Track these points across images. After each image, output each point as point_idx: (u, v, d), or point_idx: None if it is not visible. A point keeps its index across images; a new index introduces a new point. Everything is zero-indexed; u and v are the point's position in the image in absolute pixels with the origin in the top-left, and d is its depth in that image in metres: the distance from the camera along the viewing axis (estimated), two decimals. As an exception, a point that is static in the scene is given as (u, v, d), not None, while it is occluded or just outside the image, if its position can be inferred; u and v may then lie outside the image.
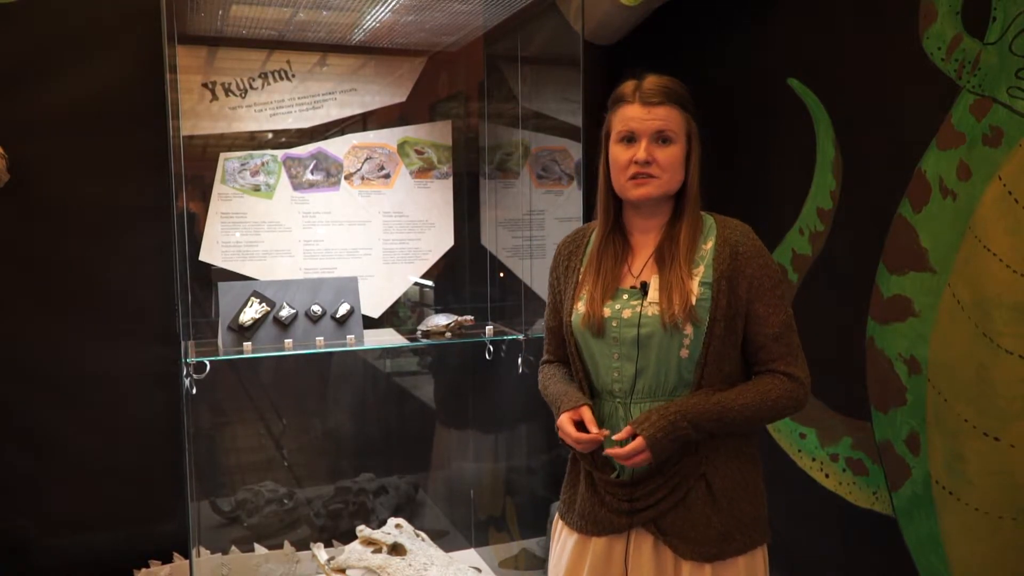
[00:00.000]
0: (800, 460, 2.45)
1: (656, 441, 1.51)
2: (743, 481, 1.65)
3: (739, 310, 1.58)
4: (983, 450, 1.80)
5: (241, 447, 3.17)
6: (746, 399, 1.56)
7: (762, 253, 1.61)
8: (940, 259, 1.89)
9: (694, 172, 1.69)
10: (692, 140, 1.67)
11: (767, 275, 1.58)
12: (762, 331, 1.59)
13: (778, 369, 1.58)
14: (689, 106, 1.67)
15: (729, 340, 1.59)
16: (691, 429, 1.53)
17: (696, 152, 1.69)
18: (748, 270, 1.58)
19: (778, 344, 1.58)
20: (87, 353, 2.73)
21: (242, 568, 3.03)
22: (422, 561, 2.74)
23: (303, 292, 2.75)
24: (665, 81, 1.65)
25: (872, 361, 2.13)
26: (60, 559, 2.73)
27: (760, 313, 1.58)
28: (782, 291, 1.60)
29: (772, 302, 1.58)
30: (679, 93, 1.65)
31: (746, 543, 1.62)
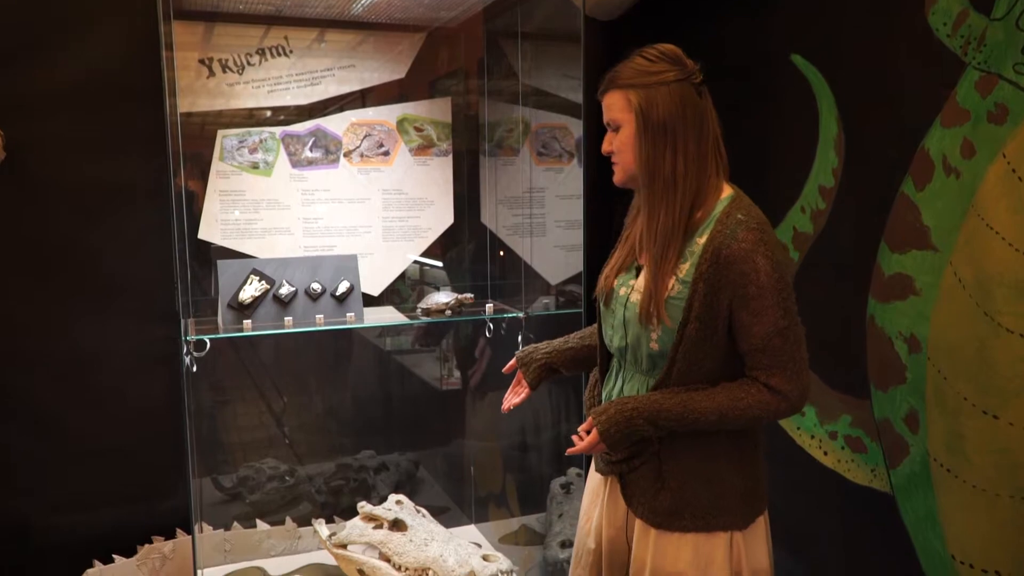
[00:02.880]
0: (799, 438, 2.45)
1: (609, 435, 1.53)
2: (699, 470, 1.61)
3: (720, 313, 1.50)
4: (982, 428, 1.80)
5: (242, 425, 3.18)
6: (713, 403, 1.51)
7: (748, 258, 1.47)
8: (942, 237, 1.89)
9: (638, 151, 1.59)
10: (639, 117, 1.56)
11: (751, 282, 1.47)
12: (745, 340, 1.51)
13: (759, 378, 1.51)
14: (636, 81, 1.56)
15: (707, 341, 1.52)
16: (648, 426, 1.53)
17: (639, 129, 1.57)
18: (730, 275, 1.48)
19: (762, 355, 1.50)
20: (87, 332, 2.73)
21: (244, 544, 3.05)
22: (423, 537, 2.76)
23: (303, 270, 2.74)
24: (617, 67, 1.60)
25: (872, 339, 2.13)
26: (63, 536, 2.75)
27: (743, 321, 1.50)
28: (773, 299, 1.47)
29: (756, 311, 1.48)
30: (620, 74, 1.58)
31: (698, 525, 1.60)
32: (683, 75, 1.56)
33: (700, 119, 1.57)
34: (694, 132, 1.56)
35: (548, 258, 3.19)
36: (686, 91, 1.56)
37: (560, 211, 3.20)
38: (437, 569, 2.68)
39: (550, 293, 3.18)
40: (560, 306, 3.11)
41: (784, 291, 1.49)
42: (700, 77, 1.59)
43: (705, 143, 1.58)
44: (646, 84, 1.55)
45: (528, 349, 1.98)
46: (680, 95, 1.55)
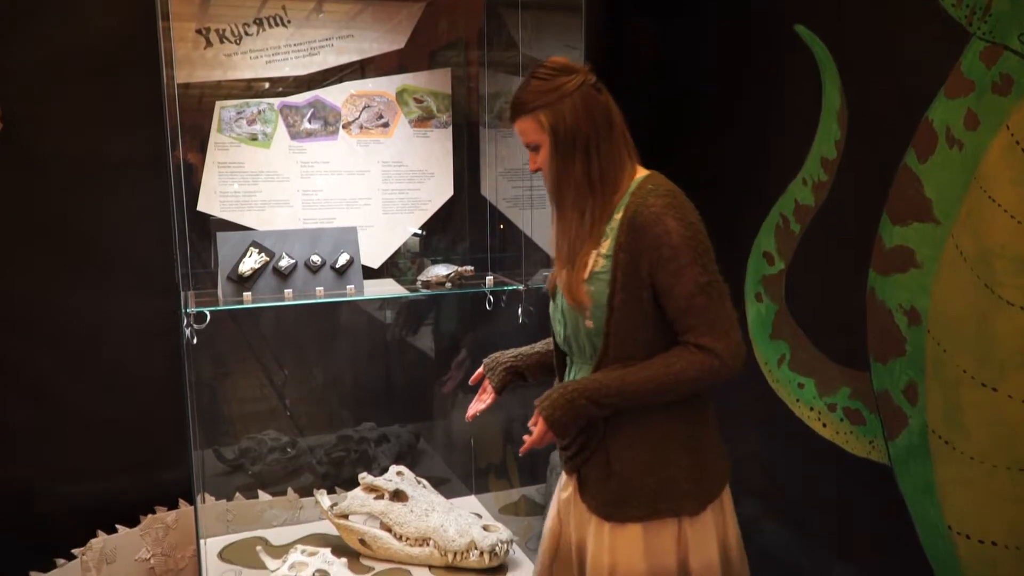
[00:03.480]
0: (798, 409, 2.46)
1: (555, 420, 1.55)
2: (645, 455, 1.61)
3: (643, 281, 1.53)
4: (981, 401, 1.81)
5: (243, 396, 3.19)
6: (647, 373, 1.52)
7: (659, 220, 1.50)
8: (944, 210, 1.88)
9: (557, 164, 1.63)
10: (552, 134, 1.61)
11: (665, 244, 1.49)
12: (669, 303, 1.53)
13: (688, 340, 1.52)
14: (540, 102, 1.60)
15: (635, 310, 1.54)
16: (591, 406, 1.54)
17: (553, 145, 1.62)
18: (645, 240, 1.51)
19: (688, 316, 1.51)
20: (87, 305, 2.73)
21: (246, 514, 3.08)
22: (423, 507, 2.78)
23: (302, 242, 2.74)
24: (517, 94, 1.65)
25: (872, 312, 2.13)
26: (66, 506, 2.77)
27: (664, 285, 1.52)
28: (688, 257, 1.49)
29: (674, 271, 1.50)
30: (522, 99, 1.63)
31: (646, 513, 1.60)
32: (579, 81, 1.61)
33: (606, 117, 1.63)
34: (604, 131, 1.62)
35: (548, 230, 3.17)
36: (587, 95, 1.61)
37: (561, 183, 3.18)
38: (438, 539, 2.71)
39: (550, 265, 3.17)
40: (560, 278, 3.11)
41: (699, 248, 1.51)
42: (594, 77, 1.64)
43: (616, 137, 1.63)
44: (549, 102, 1.60)
45: (495, 355, 2.01)
46: (583, 101, 1.60)
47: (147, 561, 2.87)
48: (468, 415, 2.01)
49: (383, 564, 2.75)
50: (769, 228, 2.52)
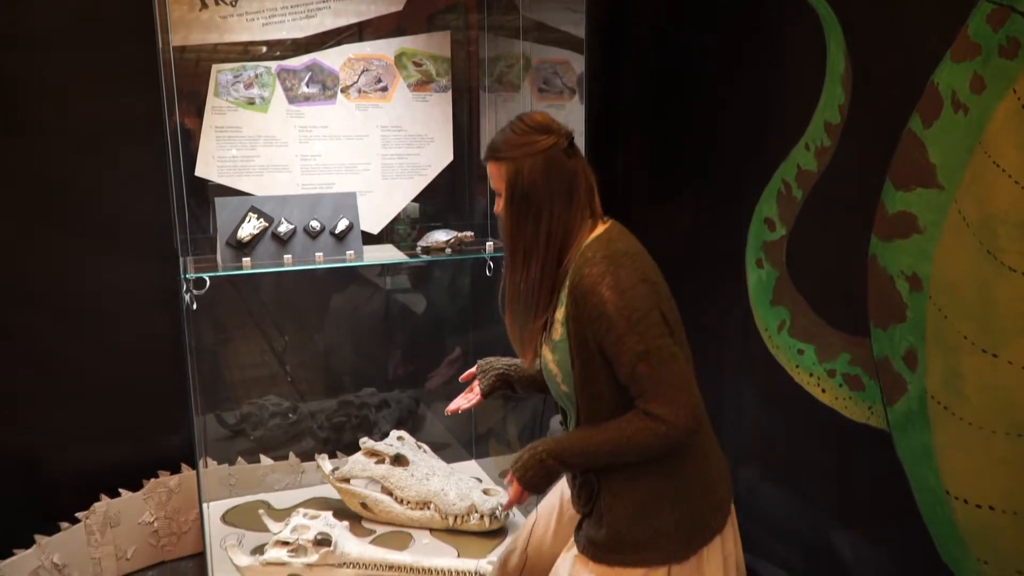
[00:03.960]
0: (797, 376, 2.47)
1: (527, 481, 1.60)
2: (634, 507, 1.61)
3: (591, 348, 1.54)
4: (981, 366, 1.81)
5: (244, 362, 3.20)
6: (605, 436, 1.55)
7: (594, 291, 1.49)
8: (948, 175, 1.87)
9: (506, 217, 1.65)
10: (508, 187, 1.63)
11: (602, 314, 1.48)
12: (616, 371, 1.53)
13: (639, 406, 1.51)
14: (507, 154, 1.62)
15: (595, 376, 1.55)
16: (560, 466, 1.59)
17: (507, 198, 1.63)
18: (585, 311, 1.51)
19: (633, 383, 1.51)
20: (86, 272, 2.72)
21: (249, 478, 3.10)
22: (424, 471, 2.80)
23: (301, 208, 2.72)
24: (495, 137, 1.66)
25: (873, 278, 2.13)
26: (69, 471, 2.79)
27: (608, 354, 1.52)
28: (624, 328, 1.48)
29: (613, 342, 1.49)
30: (495, 145, 1.65)
31: (635, 560, 1.61)
32: (549, 143, 1.60)
33: (569, 182, 1.62)
34: (561, 196, 1.61)
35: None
36: (553, 158, 1.61)
37: (561, 148, 3.15)
38: (438, 503, 2.73)
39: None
40: (560, 244, 3.10)
41: (633, 316, 1.47)
42: (567, 142, 1.63)
43: (574, 205, 1.63)
44: (515, 156, 1.61)
45: (490, 359, 2.04)
46: (546, 163, 1.60)
47: (151, 524, 2.90)
48: (448, 410, 2.05)
49: (384, 527, 2.78)
50: (771, 194, 2.51)
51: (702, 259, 2.93)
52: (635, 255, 1.59)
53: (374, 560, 2.44)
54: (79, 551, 2.73)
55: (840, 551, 2.40)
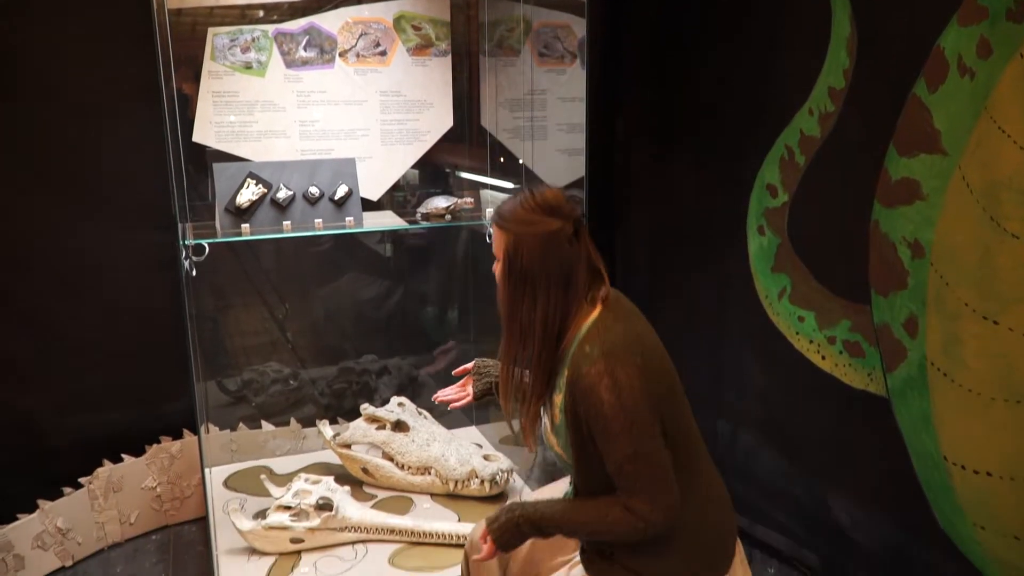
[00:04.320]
0: (797, 342, 2.47)
1: (502, 542, 1.63)
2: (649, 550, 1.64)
3: (587, 438, 1.56)
4: (981, 333, 1.81)
5: (244, 329, 3.20)
6: (586, 517, 1.58)
7: (592, 391, 1.51)
8: (952, 141, 1.85)
9: (502, 291, 1.65)
10: (506, 260, 1.62)
11: (598, 414, 1.50)
12: (606, 463, 1.56)
13: (621, 498, 1.54)
14: (511, 226, 1.60)
15: (589, 459, 1.59)
16: (534, 531, 1.61)
17: (504, 271, 1.63)
18: (583, 407, 1.53)
19: (618, 478, 1.53)
20: (85, 237, 2.71)
21: (250, 444, 3.12)
22: (424, 437, 2.82)
23: (300, 173, 2.70)
24: (505, 203, 1.65)
25: (875, 245, 2.12)
26: (72, 437, 2.80)
27: (601, 447, 1.54)
28: (618, 429, 1.50)
29: (606, 439, 1.52)
30: (502, 212, 1.63)
31: None
32: (554, 228, 1.58)
33: (567, 270, 1.60)
34: (559, 280, 1.59)
35: (549, 162, 3.14)
36: (554, 243, 1.58)
37: (562, 114, 3.13)
38: (439, 468, 2.75)
39: (551, 197, 3.14)
40: (561, 211, 3.08)
41: (627, 418, 1.49)
42: (572, 228, 1.60)
43: (571, 290, 1.61)
44: (518, 232, 1.59)
45: (488, 363, 2.09)
46: (546, 247, 1.58)
47: (154, 489, 2.92)
48: (437, 398, 2.11)
49: (385, 492, 2.80)
50: (773, 160, 2.49)
51: (703, 226, 2.92)
52: (632, 343, 1.57)
53: (375, 524, 2.46)
54: (83, 516, 2.75)
55: (837, 516, 2.42)
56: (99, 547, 2.82)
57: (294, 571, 2.33)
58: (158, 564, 2.75)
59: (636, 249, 3.40)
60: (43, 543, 2.64)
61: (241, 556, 2.40)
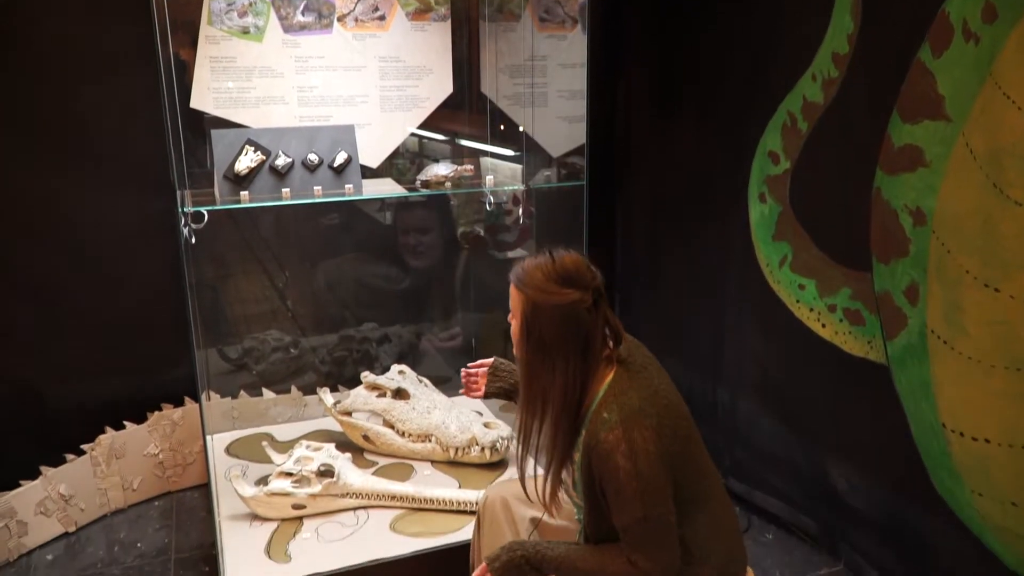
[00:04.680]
0: (798, 311, 2.47)
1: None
2: None
3: (600, 493, 1.60)
4: (982, 301, 1.80)
5: (245, 297, 3.20)
6: (587, 564, 1.61)
7: (609, 458, 1.53)
8: (957, 107, 1.83)
9: (520, 355, 1.66)
10: (524, 325, 1.62)
11: (613, 479, 1.54)
12: (614, 519, 1.59)
13: (624, 551, 1.58)
14: (529, 292, 1.60)
15: (600, 509, 1.62)
16: (533, 572, 1.65)
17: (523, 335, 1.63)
18: (599, 470, 1.56)
19: (626, 534, 1.57)
20: (84, 204, 2.70)
21: (251, 411, 3.13)
22: (425, 405, 2.83)
23: (299, 140, 2.68)
24: (525, 264, 1.65)
25: (877, 212, 2.11)
26: (73, 404, 2.82)
27: (612, 505, 1.58)
28: (631, 494, 1.53)
29: (619, 501, 1.55)
30: (521, 274, 1.63)
31: None
32: (573, 299, 1.57)
33: (587, 335, 1.59)
34: (577, 348, 1.59)
35: (550, 129, 3.12)
36: (573, 315, 1.58)
37: (562, 80, 3.10)
38: (439, 435, 2.76)
39: (551, 165, 3.13)
40: (562, 179, 3.07)
41: (644, 485, 1.52)
42: (591, 300, 1.59)
43: (591, 354, 1.60)
44: (535, 299, 1.59)
45: (505, 365, 2.14)
46: (565, 316, 1.58)
47: (156, 456, 2.94)
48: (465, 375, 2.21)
49: (386, 459, 2.81)
50: (776, 126, 2.47)
51: (704, 193, 2.90)
52: (647, 404, 1.58)
53: (376, 491, 2.48)
54: (85, 482, 2.77)
55: (836, 482, 2.44)
56: (102, 513, 2.85)
57: (296, 536, 2.35)
58: (161, 530, 2.78)
59: (636, 217, 3.39)
60: (46, 509, 2.66)
61: (243, 522, 2.42)
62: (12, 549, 2.59)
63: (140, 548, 2.67)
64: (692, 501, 1.61)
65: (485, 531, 1.92)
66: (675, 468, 1.57)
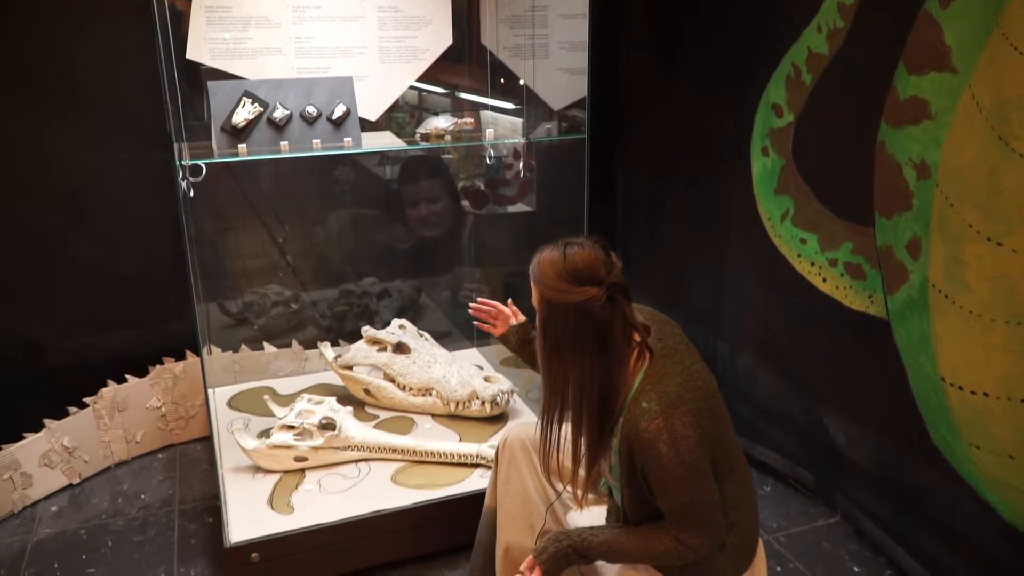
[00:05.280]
0: (799, 265, 2.46)
1: (550, 572, 1.65)
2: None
3: (641, 482, 1.60)
4: (984, 255, 1.80)
5: (244, 252, 3.19)
6: (633, 547, 1.62)
7: (651, 447, 1.53)
8: (963, 58, 1.80)
9: (540, 350, 1.64)
10: (540, 322, 1.61)
11: (655, 466, 1.53)
12: (659, 503, 1.59)
13: (671, 531, 1.59)
14: (544, 290, 1.57)
15: (641, 497, 1.63)
16: (580, 560, 1.66)
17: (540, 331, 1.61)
18: (640, 458, 1.56)
19: (672, 516, 1.58)
20: (81, 158, 2.68)
21: (253, 365, 3.14)
22: (425, 359, 2.84)
23: (297, 92, 2.65)
24: (542, 256, 1.61)
25: (881, 166, 2.09)
26: (75, 357, 2.83)
27: (654, 492, 1.58)
28: (674, 481, 1.53)
29: (664, 488, 1.55)
30: (536, 269, 1.59)
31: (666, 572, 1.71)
32: (587, 297, 1.53)
33: (604, 332, 1.56)
34: (593, 346, 1.56)
35: (551, 82, 3.08)
36: (588, 311, 1.54)
37: (564, 31, 3.05)
38: (440, 389, 2.78)
39: (552, 119, 3.10)
40: (563, 132, 3.04)
41: (685, 469, 1.53)
42: (606, 296, 1.54)
43: (610, 350, 1.57)
44: (548, 296, 1.56)
45: (527, 325, 2.15)
46: (579, 317, 1.54)
47: (158, 409, 2.96)
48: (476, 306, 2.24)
49: (387, 412, 2.83)
50: (779, 78, 2.44)
51: (706, 147, 2.88)
52: (684, 389, 1.58)
53: (378, 443, 2.50)
54: (88, 435, 2.80)
55: (834, 436, 2.46)
56: (106, 465, 2.87)
57: (299, 488, 2.38)
58: (164, 482, 2.81)
59: (638, 171, 3.37)
60: (50, 461, 2.69)
61: (246, 474, 2.44)
62: (16, 501, 2.62)
63: (144, 499, 2.70)
64: (723, 474, 1.63)
65: (502, 471, 1.94)
66: (711, 447, 1.58)
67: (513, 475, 1.91)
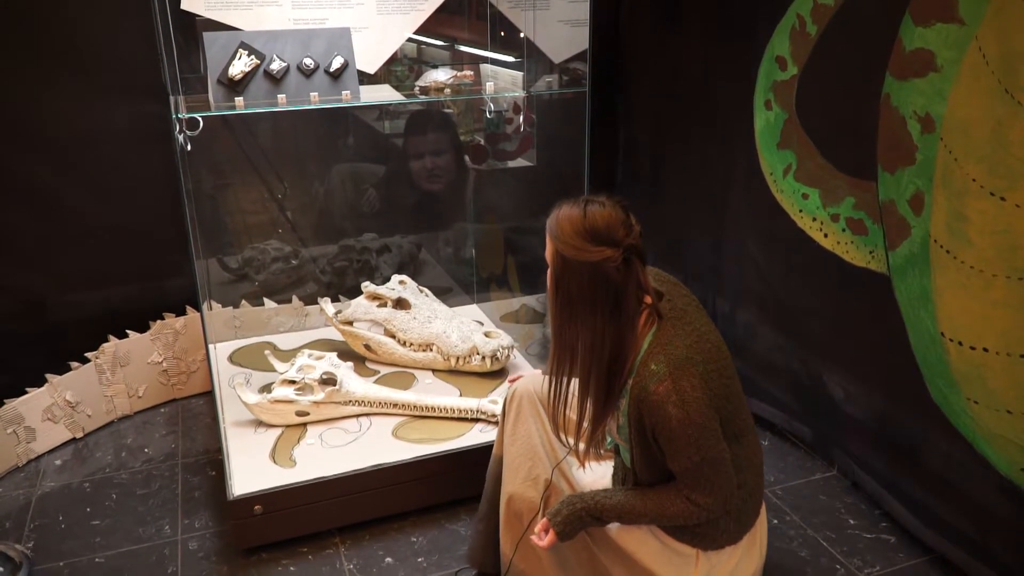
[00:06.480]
0: (800, 220, 2.45)
1: (565, 534, 1.68)
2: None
3: (651, 442, 1.61)
4: (987, 210, 1.78)
5: (244, 207, 3.17)
6: (645, 508, 1.64)
7: (660, 408, 1.53)
8: (971, 9, 1.77)
9: (551, 308, 1.62)
10: (553, 279, 1.60)
11: (664, 427, 1.54)
12: (670, 464, 1.61)
13: (683, 491, 1.61)
14: (560, 246, 1.56)
15: (651, 457, 1.64)
16: (594, 521, 1.68)
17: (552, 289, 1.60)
18: (649, 420, 1.57)
19: (683, 477, 1.60)
20: (76, 112, 2.65)
21: (253, 320, 3.15)
22: (426, 315, 2.84)
23: (294, 44, 2.61)
24: (560, 211, 1.60)
25: (885, 119, 2.07)
26: (76, 313, 2.83)
27: (666, 451, 1.59)
28: (684, 441, 1.54)
29: (672, 450, 1.57)
30: (554, 224, 1.59)
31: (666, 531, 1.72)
32: (602, 257, 1.51)
33: (617, 294, 1.55)
34: (606, 308, 1.55)
35: (552, 34, 3.03)
36: (603, 272, 1.53)
37: (564, -18, 3.00)
38: (440, 344, 2.79)
39: (553, 72, 3.06)
40: (564, 85, 3.00)
41: (697, 431, 1.54)
42: (620, 259, 1.52)
43: (622, 312, 1.56)
44: (564, 252, 1.55)
45: None
46: (593, 274, 1.53)
47: (160, 364, 2.97)
48: None
49: (388, 368, 2.84)
50: (784, 30, 2.40)
51: (709, 100, 2.85)
52: (693, 351, 1.57)
53: (379, 398, 2.51)
54: (91, 389, 2.81)
55: (832, 391, 2.47)
56: (109, 419, 2.90)
57: (300, 442, 2.40)
58: (167, 436, 2.83)
59: (639, 123, 3.33)
60: (53, 415, 2.71)
61: (248, 428, 2.46)
62: (21, 454, 2.64)
63: (147, 453, 2.73)
64: (732, 435, 1.65)
65: (509, 422, 1.95)
66: (720, 408, 1.60)
67: (520, 427, 1.92)
